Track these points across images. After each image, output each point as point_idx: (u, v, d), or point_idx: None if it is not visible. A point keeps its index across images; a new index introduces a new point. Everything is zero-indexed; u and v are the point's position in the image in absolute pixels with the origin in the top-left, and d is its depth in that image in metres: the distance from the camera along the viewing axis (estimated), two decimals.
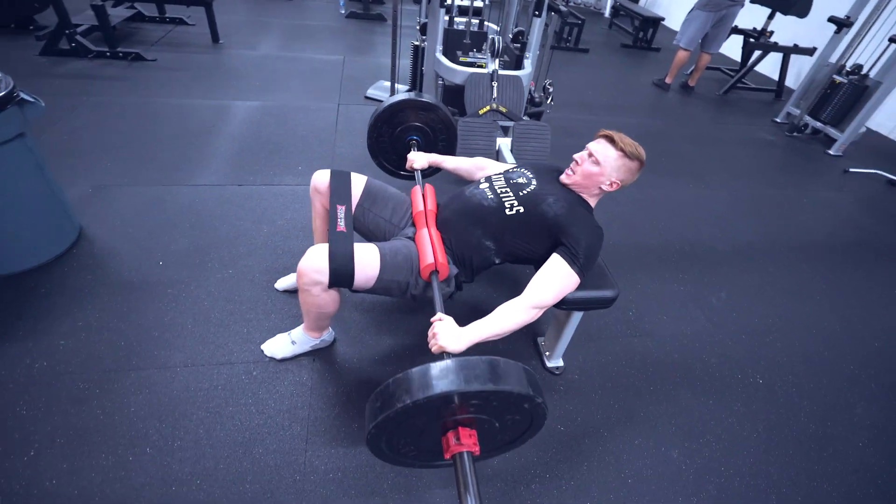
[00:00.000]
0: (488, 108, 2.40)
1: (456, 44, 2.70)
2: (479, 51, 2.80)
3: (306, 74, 3.60)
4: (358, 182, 1.43)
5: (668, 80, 4.40)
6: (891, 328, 2.02)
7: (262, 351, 1.47)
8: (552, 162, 1.51)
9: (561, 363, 1.59)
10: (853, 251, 2.53)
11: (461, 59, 2.62)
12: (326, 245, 1.18)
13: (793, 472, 1.40)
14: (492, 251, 1.30)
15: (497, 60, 2.44)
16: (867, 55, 3.48)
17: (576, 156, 1.30)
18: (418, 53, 2.96)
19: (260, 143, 2.62)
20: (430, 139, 1.89)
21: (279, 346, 1.47)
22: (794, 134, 3.83)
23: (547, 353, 1.61)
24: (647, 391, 1.58)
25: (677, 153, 3.30)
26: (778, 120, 4.07)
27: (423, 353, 1.54)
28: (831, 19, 3.63)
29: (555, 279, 1.17)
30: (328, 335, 1.51)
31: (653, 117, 3.91)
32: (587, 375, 1.59)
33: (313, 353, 1.51)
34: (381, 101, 1.85)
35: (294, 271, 1.72)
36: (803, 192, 3.05)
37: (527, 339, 1.69)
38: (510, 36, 2.85)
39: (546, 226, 1.23)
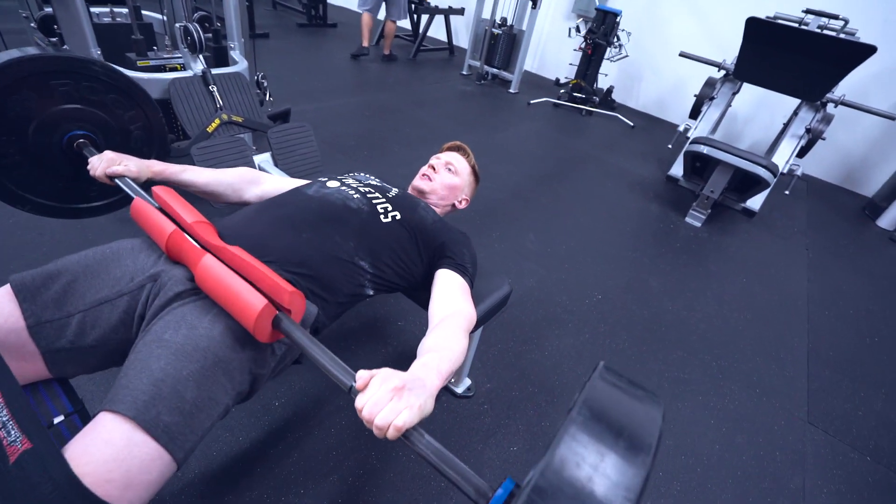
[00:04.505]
0: (217, 121, 1.80)
1: (119, 44, 1.87)
2: (159, 49, 2.04)
3: None
4: None
5: (364, 45, 4.42)
6: (624, 207, 2.65)
7: None
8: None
9: (468, 382, 1.40)
10: (570, 162, 3.18)
11: (139, 63, 1.85)
12: None
13: (659, 349, 1.67)
14: (366, 276, 0.91)
15: (201, 57, 1.82)
16: (510, 10, 4.29)
17: (425, 168, 1.17)
18: None
19: None
20: (109, 127, 1.04)
21: None
22: (482, 82, 4.50)
23: (452, 381, 1.38)
24: (543, 358, 1.57)
25: (415, 120, 3.37)
26: (464, 73, 4.69)
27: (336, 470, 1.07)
28: None
29: (463, 293, 0.91)
30: None
31: (375, 91, 3.87)
32: (495, 379, 1.46)
33: None
34: None
35: None
36: (517, 129, 3.63)
37: None
38: (190, 25, 2.17)
39: (425, 236, 0.99)
